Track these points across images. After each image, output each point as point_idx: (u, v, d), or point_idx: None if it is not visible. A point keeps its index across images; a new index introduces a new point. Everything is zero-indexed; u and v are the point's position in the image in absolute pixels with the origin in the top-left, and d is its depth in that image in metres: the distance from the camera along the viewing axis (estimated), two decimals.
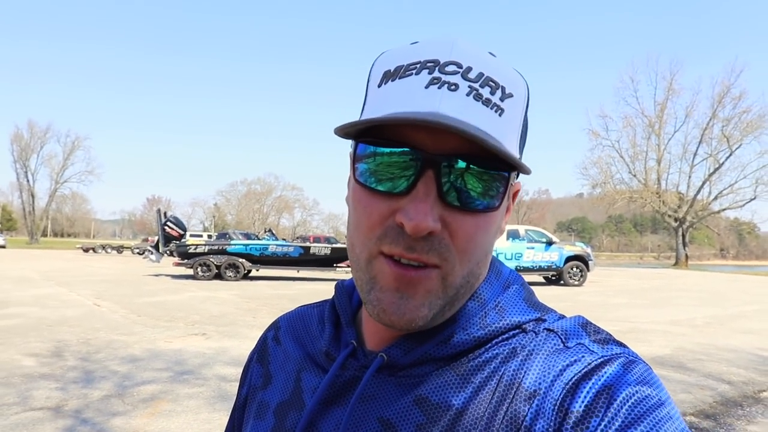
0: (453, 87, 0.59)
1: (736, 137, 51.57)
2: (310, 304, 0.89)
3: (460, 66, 0.60)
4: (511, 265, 21.56)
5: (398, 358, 0.66)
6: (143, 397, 5.91)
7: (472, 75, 0.60)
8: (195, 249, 21.80)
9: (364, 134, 0.62)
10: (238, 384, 0.91)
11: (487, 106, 0.59)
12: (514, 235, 21.94)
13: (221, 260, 21.52)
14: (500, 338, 0.66)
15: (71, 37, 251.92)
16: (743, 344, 9.69)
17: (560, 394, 0.57)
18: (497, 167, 0.60)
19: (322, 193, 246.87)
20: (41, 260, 35.86)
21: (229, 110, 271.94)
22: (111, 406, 5.59)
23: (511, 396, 0.60)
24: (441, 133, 0.58)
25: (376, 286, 0.61)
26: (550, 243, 21.98)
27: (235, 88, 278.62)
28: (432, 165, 0.58)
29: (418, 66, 0.61)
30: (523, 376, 0.60)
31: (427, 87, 0.59)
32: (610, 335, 0.65)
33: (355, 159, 0.63)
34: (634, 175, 56.41)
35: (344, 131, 0.61)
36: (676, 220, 52.97)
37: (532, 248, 21.75)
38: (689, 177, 56.06)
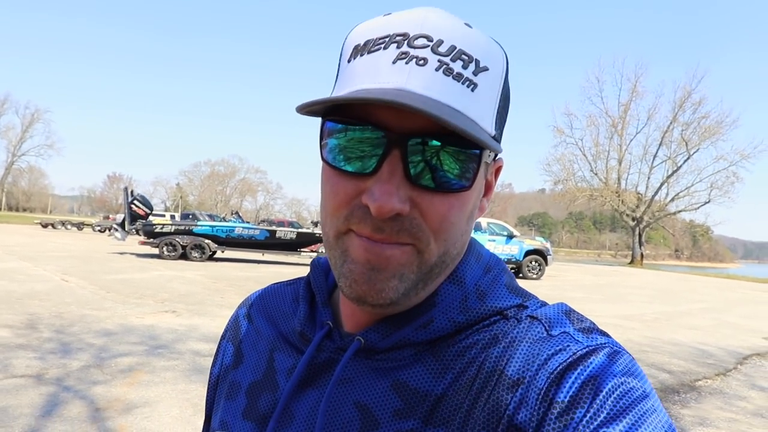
0: (421, 62, 0.57)
1: (694, 141, 52.91)
2: (283, 282, 0.87)
3: (430, 39, 0.58)
4: None
5: (376, 342, 0.65)
6: (121, 368, 6.16)
7: (442, 49, 0.57)
8: (161, 228, 21.74)
9: (331, 113, 0.61)
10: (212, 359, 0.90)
11: (459, 81, 0.57)
12: (476, 227, 22.38)
13: (187, 240, 21.57)
14: (481, 324, 0.65)
15: (32, 6, 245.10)
16: (686, 339, 10.33)
17: (545, 384, 0.56)
18: (467, 146, 0.58)
19: (286, 177, 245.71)
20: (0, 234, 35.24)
21: (195, 90, 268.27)
22: (91, 376, 5.82)
23: (493, 384, 0.59)
24: (407, 111, 0.55)
25: (348, 259, 0.61)
26: (510, 236, 22.55)
27: (201, 68, 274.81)
28: (397, 145, 0.57)
29: (386, 40, 0.59)
30: (506, 364, 0.59)
31: (394, 62, 0.57)
32: (594, 324, 0.64)
33: (322, 136, 0.62)
34: (596, 174, 57.39)
35: (307, 110, 0.60)
36: (633, 219, 54.15)
37: (494, 241, 22.28)
38: (648, 178, 57.30)
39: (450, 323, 0.64)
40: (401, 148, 0.57)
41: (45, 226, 54.85)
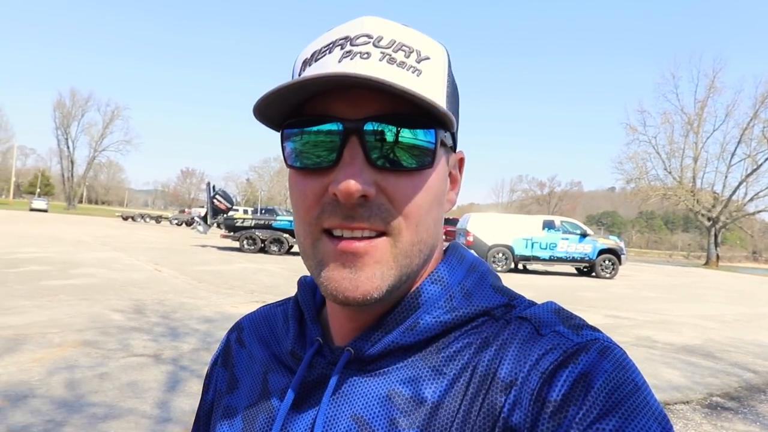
0: (365, 55, 0.59)
1: None
2: (273, 303, 0.87)
3: (370, 37, 0.60)
4: (545, 254, 22.03)
5: (365, 350, 0.65)
6: None
7: (383, 43, 0.60)
8: (242, 223, 22.63)
9: (287, 117, 0.63)
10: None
11: (403, 68, 0.60)
12: (549, 226, 22.38)
13: (266, 235, 22.32)
14: (470, 326, 0.65)
15: (116, 6, 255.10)
16: None
17: (537, 384, 0.56)
18: (422, 125, 0.60)
19: None
20: (88, 226, 37.20)
21: (266, 86, 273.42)
22: (202, 357, 6.33)
23: (487, 387, 0.59)
24: (359, 98, 0.59)
25: (324, 266, 0.61)
26: (584, 235, 22.34)
27: (272, 65, 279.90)
28: (354, 132, 0.58)
29: (331, 46, 0.61)
30: (498, 367, 0.60)
31: (339, 61, 0.59)
32: (583, 320, 0.64)
33: (283, 143, 0.64)
34: (670, 172, 55.93)
35: (261, 111, 0.61)
36: (709, 219, 52.43)
37: (567, 239, 22.15)
38: (725, 177, 55.35)
39: (436, 323, 0.64)
40: (359, 135, 0.59)
41: (126, 218, 57.49)
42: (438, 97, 0.62)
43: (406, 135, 0.59)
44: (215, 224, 23.11)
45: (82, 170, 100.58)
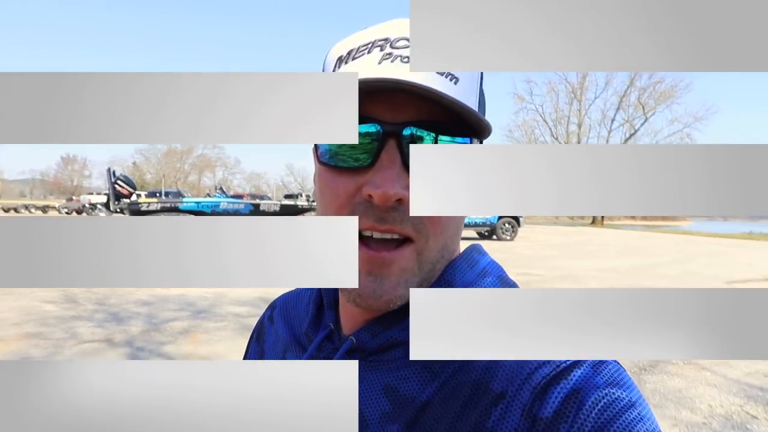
0: (405, 59, 0.58)
1: (650, 105, 54.84)
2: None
3: (410, 41, 0.50)
4: None
5: (366, 342, 0.67)
6: (178, 331, 6.75)
7: None
8: (147, 207, 22.04)
9: None
10: (257, 320, 0.95)
11: (442, 75, 0.59)
12: None
13: None
14: None
15: None
16: (662, 286, 11.10)
17: (529, 399, 0.55)
18: (458, 132, 0.60)
19: (244, 151, 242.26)
20: None
21: (149, 63, 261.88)
22: (155, 338, 6.39)
23: (479, 396, 0.58)
24: (399, 102, 0.58)
25: None
26: None
27: (154, 41, 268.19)
28: (393, 135, 0.58)
29: (369, 46, 0.61)
30: (492, 377, 0.59)
31: (380, 62, 0.59)
32: None
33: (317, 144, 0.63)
34: (556, 138, 58.72)
35: None
36: None
37: None
38: (607, 141, 58.58)
39: None
40: (397, 139, 0.58)
41: (7, 210, 53.90)
42: (472, 105, 0.62)
43: (444, 141, 0.60)
44: (118, 210, 22.43)
45: None
